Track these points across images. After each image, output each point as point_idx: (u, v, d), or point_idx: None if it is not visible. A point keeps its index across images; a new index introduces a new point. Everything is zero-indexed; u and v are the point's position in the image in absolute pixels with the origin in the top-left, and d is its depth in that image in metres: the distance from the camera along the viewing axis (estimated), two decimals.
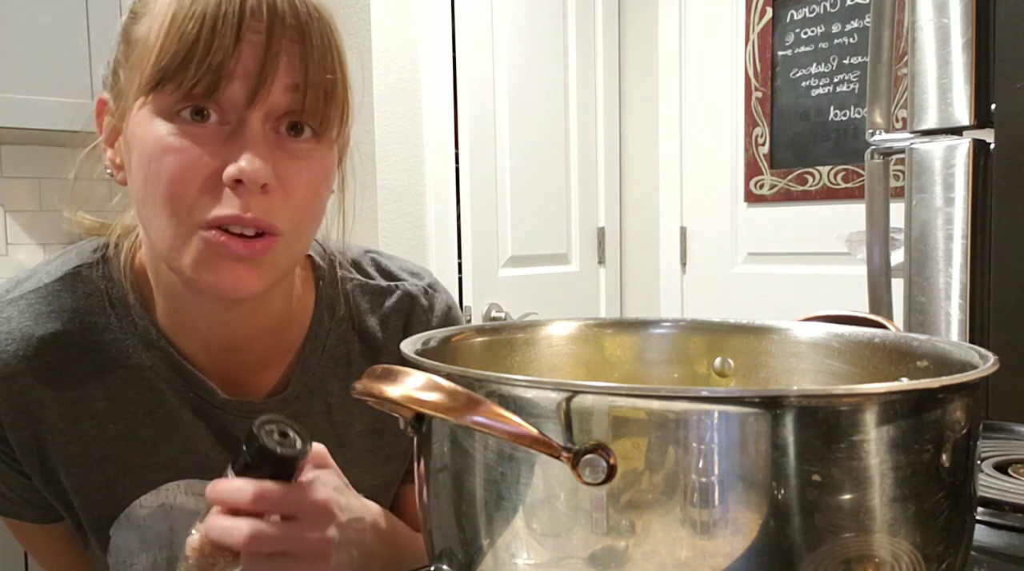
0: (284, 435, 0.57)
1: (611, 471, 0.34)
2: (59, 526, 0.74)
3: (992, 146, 0.98)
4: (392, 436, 0.77)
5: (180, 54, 0.56)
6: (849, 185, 2.20)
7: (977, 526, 0.55)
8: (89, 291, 0.69)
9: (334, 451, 0.74)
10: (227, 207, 0.57)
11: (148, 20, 0.59)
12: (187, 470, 0.70)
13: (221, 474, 0.69)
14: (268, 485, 0.55)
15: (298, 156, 0.61)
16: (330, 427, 0.74)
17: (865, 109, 2.08)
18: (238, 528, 0.54)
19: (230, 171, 0.57)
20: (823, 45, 2.24)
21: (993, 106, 0.98)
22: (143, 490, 0.70)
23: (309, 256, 0.76)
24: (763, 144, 2.37)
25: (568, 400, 0.35)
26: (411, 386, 0.36)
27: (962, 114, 1.01)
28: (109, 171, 0.66)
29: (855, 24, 2.18)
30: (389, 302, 0.78)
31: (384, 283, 0.78)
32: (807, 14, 2.27)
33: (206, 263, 0.59)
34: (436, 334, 0.54)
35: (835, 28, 2.21)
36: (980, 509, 0.57)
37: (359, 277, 0.78)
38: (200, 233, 0.58)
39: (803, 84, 2.28)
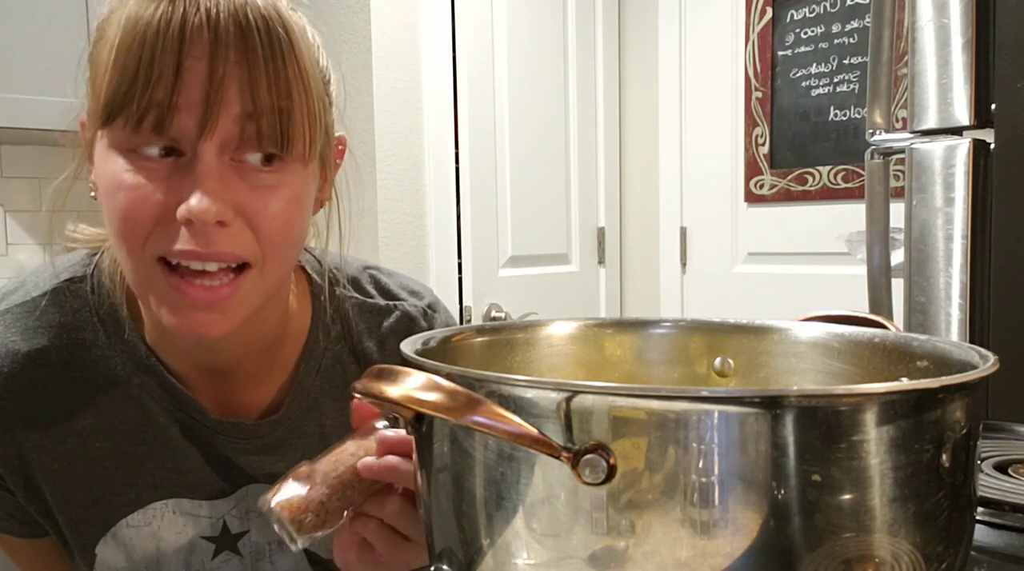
0: None
1: (611, 471, 0.34)
2: (45, 541, 0.72)
3: (992, 146, 0.98)
4: None
5: (123, 89, 0.54)
6: (849, 185, 2.20)
7: (977, 526, 0.55)
8: (77, 306, 0.67)
9: None
10: (183, 243, 0.55)
11: (103, 44, 0.57)
12: (175, 490, 0.69)
13: (209, 494, 0.69)
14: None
15: (262, 186, 0.58)
16: (323, 449, 0.73)
17: (865, 109, 2.08)
18: None
19: (180, 211, 0.54)
20: (823, 45, 2.24)
21: (993, 106, 0.98)
22: (129, 509, 0.68)
23: (306, 273, 0.74)
24: (763, 144, 2.37)
25: (568, 400, 0.35)
26: (411, 386, 0.36)
27: (962, 114, 1.01)
28: (93, 194, 0.64)
29: (855, 24, 2.18)
30: (387, 323, 0.76)
31: (382, 302, 0.76)
32: (807, 14, 2.27)
33: (167, 305, 0.57)
34: (436, 334, 0.54)
35: (835, 28, 2.22)
36: (980, 509, 0.57)
37: (357, 295, 0.75)
38: (160, 272, 0.56)
39: (803, 84, 2.28)
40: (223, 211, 0.55)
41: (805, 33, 2.28)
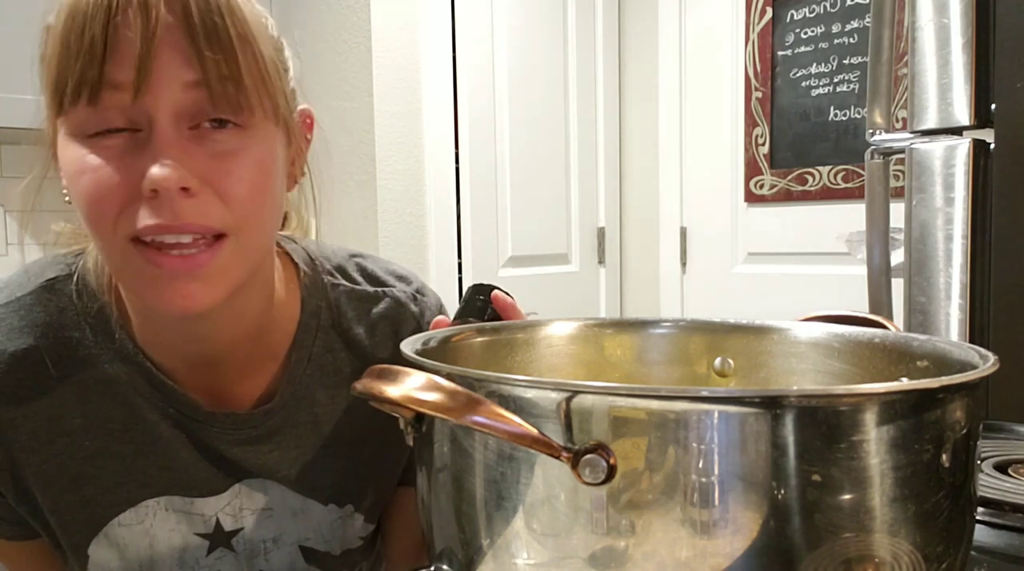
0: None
1: (611, 471, 0.34)
2: (37, 543, 0.72)
3: (992, 146, 0.98)
4: (382, 446, 0.75)
5: (64, 67, 0.54)
6: (849, 185, 2.20)
7: (977, 526, 0.55)
8: (63, 305, 0.66)
9: (322, 460, 0.72)
10: (152, 217, 0.54)
11: (49, 38, 0.57)
12: (167, 486, 0.68)
13: (201, 491, 0.68)
14: None
15: (223, 151, 0.57)
16: (318, 437, 0.72)
17: (865, 109, 2.08)
18: None
19: (145, 184, 0.54)
20: (823, 45, 2.24)
21: (993, 106, 0.98)
22: (121, 508, 0.68)
23: (293, 262, 0.74)
24: (763, 144, 2.37)
25: (568, 400, 0.35)
26: (411, 386, 0.36)
27: (962, 114, 1.01)
28: (65, 193, 0.63)
29: (855, 24, 2.18)
30: (377, 309, 0.75)
31: (371, 289, 0.76)
32: (807, 14, 2.27)
33: (147, 282, 0.56)
34: (436, 334, 0.54)
35: (835, 28, 2.22)
36: (980, 509, 0.57)
37: (345, 283, 0.75)
38: (135, 250, 0.56)
39: (803, 84, 2.28)
40: (185, 177, 0.54)
41: (805, 33, 2.28)
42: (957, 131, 1.02)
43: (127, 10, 0.54)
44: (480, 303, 0.72)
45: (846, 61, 2.20)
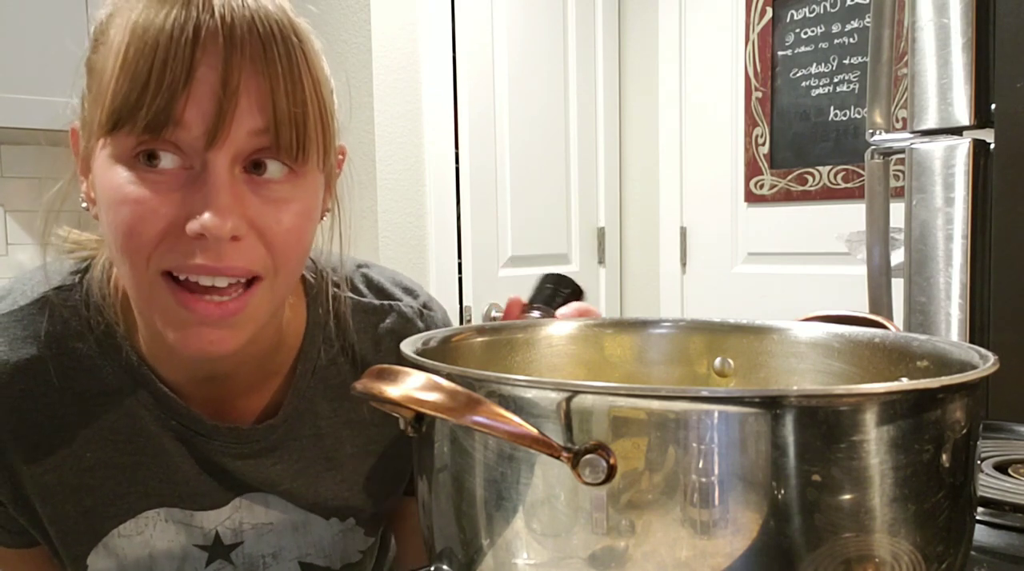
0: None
1: (611, 471, 0.34)
2: (36, 551, 0.71)
3: (992, 146, 0.98)
4: (385, 459, 0.75)
5: (132, 97, 0.52)
6: (849, 185, 2.20)
7: (977, 526, 0.55)
8: (67, 316, 0.65)
9: (324, 473, 0.72)
10: (196, 258, 0.53)
11: (105, 51, 0.54)
12: (168, 499, 0.67)
13: (202, 504, 0.68)
14: None
15: (275, 199, 0.56)
16: (320, 450, 0.71)
17: (865, 109, 2.08)
18: None
19: (192, 226, 0.52)
20: (823, 45, 2.24)
21: (993, 106, 0.98)
22: (121, 519, 0.67)
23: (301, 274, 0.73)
24: (763, 144, 2.37)
25: (568, 400, 0.35)
26: (411, 386, 0.36)
27: (962, 114, 1.01)
28: (84, 205, 0.62)
29: (855, 24, 2.18)
30: (384, 324, 0.74)
31: (377, 302, 0.75)
32: (807, 14, 2.27)
33: (173, 323, 0.55)
34: (436, 334, 0.54)
35: (835, 28, 2.22)
36: (980, 509, 0.57)
37: (351, 295, 0.74)
38: (166, 288, 0.55)
39: (803, 84, 2.28)
40: (238, 226, 0.53)
41: (805, 33, 2.28)
42: (957, 131, 1.02)
43: (211, 50, 0.52)
44: (550, 291, 0.79)
45: (846, 61, 2.20)
